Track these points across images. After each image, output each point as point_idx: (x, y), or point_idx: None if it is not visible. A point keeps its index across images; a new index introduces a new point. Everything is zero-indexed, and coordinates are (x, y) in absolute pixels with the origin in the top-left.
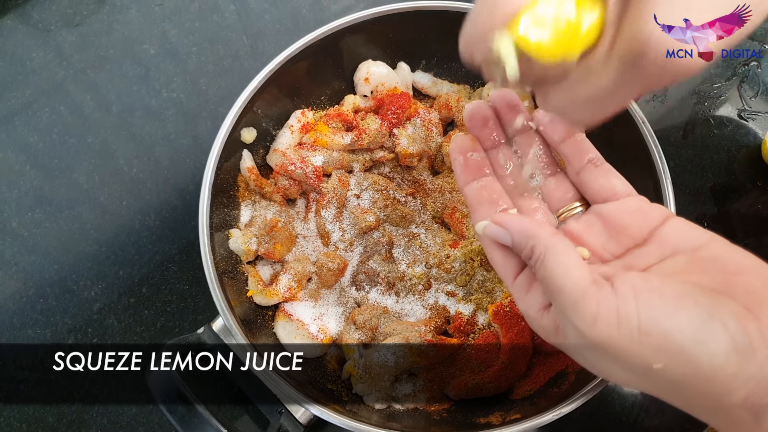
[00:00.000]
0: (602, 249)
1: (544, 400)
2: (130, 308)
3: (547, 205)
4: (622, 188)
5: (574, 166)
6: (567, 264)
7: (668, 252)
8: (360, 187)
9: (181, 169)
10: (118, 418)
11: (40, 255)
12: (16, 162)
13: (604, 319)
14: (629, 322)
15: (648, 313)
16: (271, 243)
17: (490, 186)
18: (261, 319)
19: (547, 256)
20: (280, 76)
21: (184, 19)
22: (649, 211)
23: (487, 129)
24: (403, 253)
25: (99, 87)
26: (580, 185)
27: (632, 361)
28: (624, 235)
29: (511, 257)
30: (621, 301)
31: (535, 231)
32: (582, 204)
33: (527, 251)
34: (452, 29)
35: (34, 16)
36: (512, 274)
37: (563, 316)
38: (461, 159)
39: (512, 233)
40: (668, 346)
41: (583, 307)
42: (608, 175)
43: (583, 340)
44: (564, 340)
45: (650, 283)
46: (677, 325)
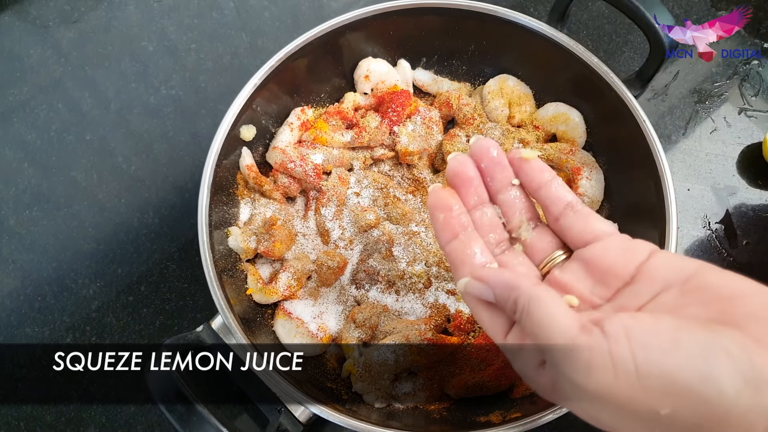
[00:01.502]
0: (591, 294)
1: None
2: (128, 306)
3: (529, 259)
4: (602, 229)
5: (552, 213)
6: (552, 313)
7: (658, 287)
8: (360, 185)
9: (180, 166)
10: (117, 416)
11: (38, 253)
12: (14, 159)
13: (598, 366)
14: (626, 366)
15: (644, 353)
16: (270, 241)
17: (471, 243)
18: (260, 318)
19: (531, 306)
20: (279, 73)
21: (183, 15)
22: (633, 247)
23: (471, 188)
24: (403, 252)
25: (97, 84)
26: (560, 232)
27: (636, 409)
28: (610, 276)
29: (498, 315)
30: (613, 344)
31: (517, 282)
32: (564, 251)
33: (511, 304)
34: (453, 26)
35: (32, 13)
36: (502, 333)
37: (556, 370)
38: (441, 216)
39: (493, 287)
40: (672, 387)
41: (575, 357)
42: (588, 219)
43: (580, 392)
44: (564, 397)
45: (642, 322)
46: (678, 363)
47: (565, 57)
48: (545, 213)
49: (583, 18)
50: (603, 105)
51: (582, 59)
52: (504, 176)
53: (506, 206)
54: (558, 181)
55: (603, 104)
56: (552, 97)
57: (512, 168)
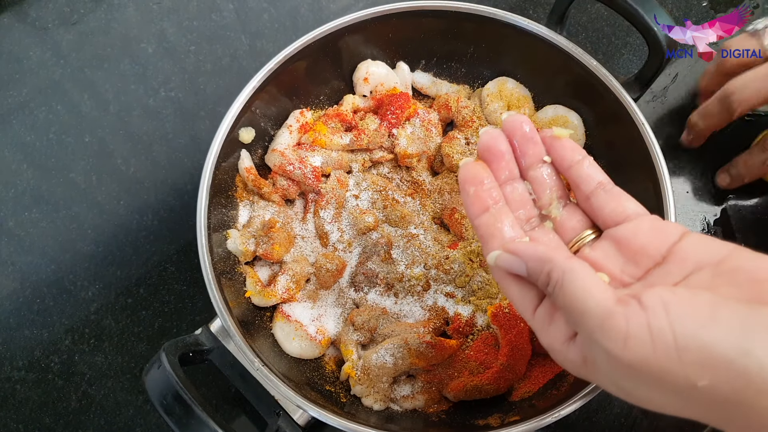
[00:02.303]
0: (621, 273)
1: (543, 402)
2: (127, 309)
3: (559, 237)
4: (633, 209)
5: (583, 192)
6: (588, 285)
7: (690, 268)
8: (359, 188)
9: (179, 168)
10: (116, 419)
11: (37, 255)
12: (13, 161)
13: (636, 337)
14: (664, 338)
15: (683, 326)
16: (269, 244)
17: (502, 216)
18: (259, 320)
19: (566, 279)
20: (278, 75)
21: (182, 17)
22: (664, 228)
23: (502, 162)
24: (402, 254)
25: (96, 86)
26: (590, 211)
27: (673, 381)
28: (642, 256)
29: (528, 289)
30: (652, 315)
31: (550, 255)
32: (594, 231)
33: (544, 277)
34: (452, 29)
35: (31, 14)
36: (531, 308)
37: (591, 342)
38: (472, 190)
39: (526, 260)
40: (711, 360)
41: (612, 327)
42: (619, 198)
43: (615, 364)
44: (595, 371)
45: (680, 295)
46: (717, 336)
47: (563, 59)
48: (575, 192)
49: (582, 20)
50: (602, 108)
51: (581, 62)
52: (535, 152)
53: (537, 183)
54: (589, 161)
55: (602, 107)
56: (551, 99)
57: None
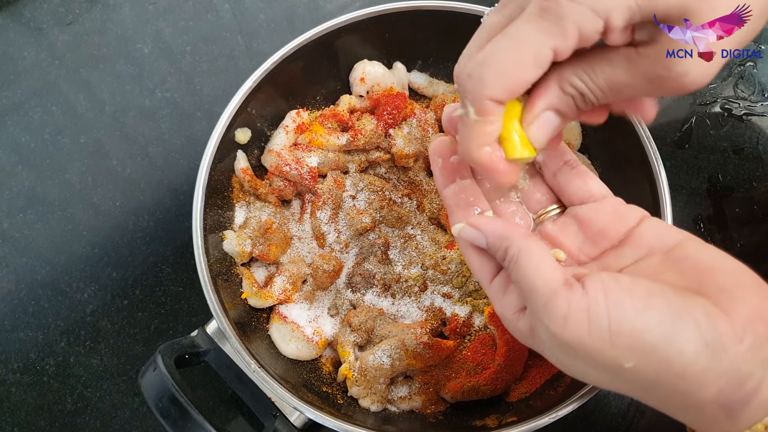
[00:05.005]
0: (578, 251)
1: (541, 402)
2: (123, 310)
3: (525, 208)
4: (598, 190)
5: (550, 168)
6: (539, 265)
7: (643, 252)
8: (356, 188)
9: (175, 169)
10: (111, 422)
11: (32, 256)
12: (8, 162)
13: (574, 319)
14: (599, 322)
15: (618, 312)
16: (265, 245)
17: (468, 188)
18: (255, 322)
19: (521, 257)
20: (275, 75)
21: (178, 17)
22: (626, 212)
23: None
24: (399, 255)
25: (92, 86)
26: (556, 187)
27: (604, 361)
28: (600, 237)
29: (487, 260)
30: (592, 301)
31: (509, 233)
32: (559, 206)
33: (501, 253)
34: (448, 29)
35: (26, 15)
36: (489, 277)
37: (536, 317)
38: (440, 162)
39: (487, 235)
40: (639, 345)
41: (554, 308)
42: (584, 177)
43: (555, 341)
44: (538, 342)
45: (621, 282)
46: (647, 323)
47: None
48: (543, 168)
49: None
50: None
51: None
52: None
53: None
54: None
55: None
56: None
57: None
